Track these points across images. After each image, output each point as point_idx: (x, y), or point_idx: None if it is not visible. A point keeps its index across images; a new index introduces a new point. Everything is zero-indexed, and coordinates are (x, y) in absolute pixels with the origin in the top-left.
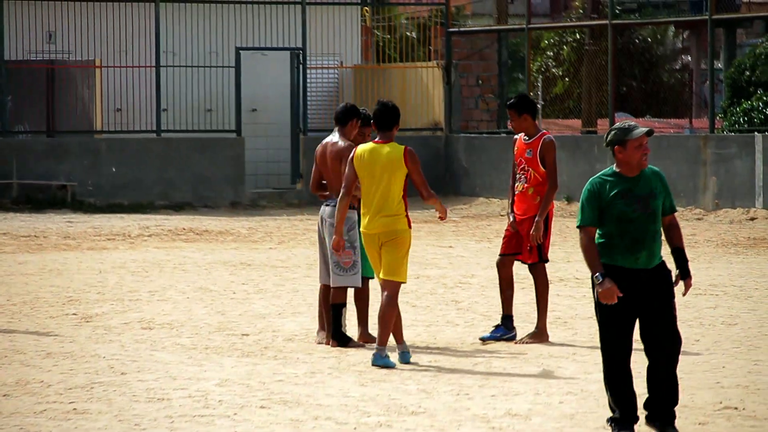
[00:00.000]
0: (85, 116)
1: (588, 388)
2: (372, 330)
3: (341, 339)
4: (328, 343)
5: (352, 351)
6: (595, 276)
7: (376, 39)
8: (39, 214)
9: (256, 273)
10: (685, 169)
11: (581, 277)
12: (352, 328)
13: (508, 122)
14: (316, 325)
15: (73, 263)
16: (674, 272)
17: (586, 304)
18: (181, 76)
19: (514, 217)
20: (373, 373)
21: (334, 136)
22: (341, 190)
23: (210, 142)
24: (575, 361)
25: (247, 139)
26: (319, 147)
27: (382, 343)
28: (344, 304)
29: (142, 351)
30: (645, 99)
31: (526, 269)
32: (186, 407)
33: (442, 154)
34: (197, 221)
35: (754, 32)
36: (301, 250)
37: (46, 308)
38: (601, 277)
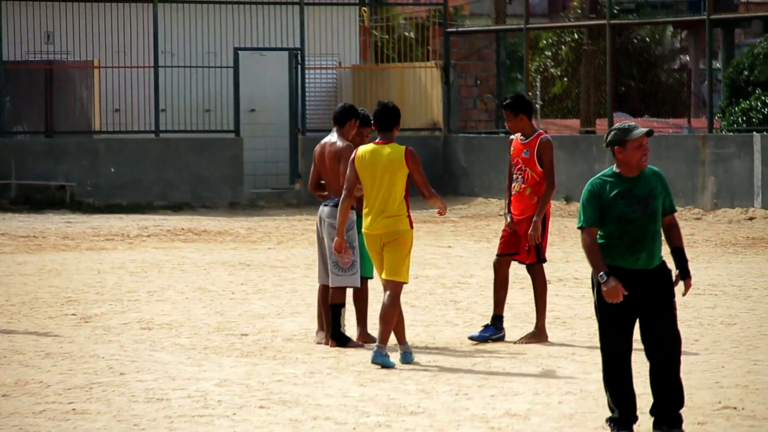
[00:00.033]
0: (84, 117)
1: (587, 388)
2: (371, 330)
3: (340, 339)
4: (327, 343)
5: (351, 351)
6: (600, 275)
7: (375, 39)
8: (38, 215)
9: (255, 273)
10: (683, 168)
11: (580, 277)
12: (351, 328)
13: (506, 122)
14: (315, 326)
15: (72, 263)
16: (674, 272)
17: (585, 304)
18: (180, 77)
19: (512, 217)
20: (372, 373)
21: (333, 137)
22: (343, 191)
23: (208, 142)
24: (574, 361)
25: (246, 139)
26: (318, 147)
27: (382, 341)
28: (343, 304)
29: (141, 351)
30: (643, 99)
31: (524, 269)
32: (185, 407)
33: (441, 154)
34: (196, 221)
35: (752, 32)
36: (299, 250)
37: (45, 308)
38: (606, 275)
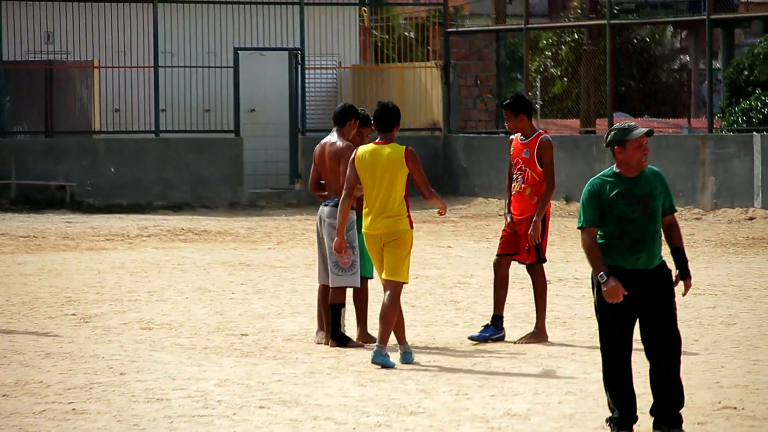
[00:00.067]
0: (84, 117)
1: (587, 388)
2: (371, 330)
3: (340, 339)
4: (327, 343)
5: (351, 351)
6: (600, 275)
7: (375, 39)
8: (37, 215)
9: (255, 273)
10: (683, 168)
11: (580, 277)
12: (351, 328)
13: (506, 122)
14: (315, 325)
15: (72, 263)
16: (674, 272)
17: (585, 304)
18: (180, 77)
19: (512, 217)
20: (372, 373)
21: (333, 136)
22: (343, 191)
23: (208, 142)
24: (574, 361)
25: (246, 139)
26: (318, 147)
27: (382, 341)
28: (343, 304)
29: (141, 351)
30: (643, 99)
31: (524, 269)
32: (185, 407)
33: (441, 155)
34: (196, 221)
35: (752, 32)
36: (299, 250)
37: (45, 308)
38: (606, 275)
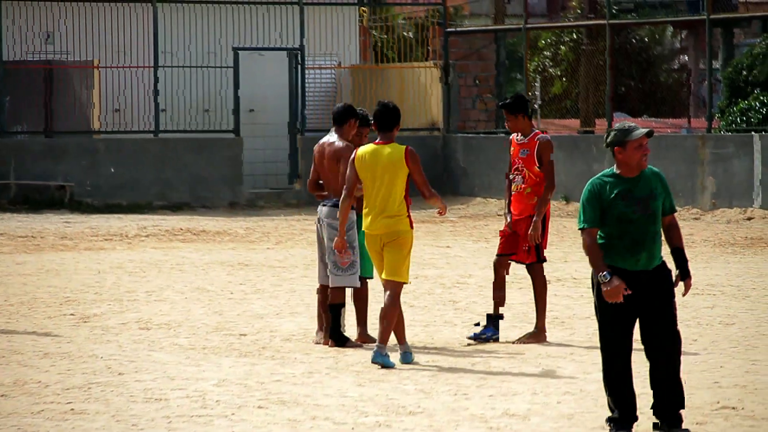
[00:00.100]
0: (83, 117)
1: (586, 388)
2: (371, 330)
3: (339, 339)
4: (326, 343)
5: (350, 351)
6: (602, 275)
7: (374, 39)
8: (36, 215)
9: (254, 273)
10: (682, 168)
11: (579, 277)
12: (351, 328)
13: (506, 122)
14: (314, 325)
15: (71, 264)
16: (674, 272)
17: (584, 304)
18: (179, 77)
19: (511, 217)
20: (371, 373)
21: (332, 136)
22: (343, 191)
23: (208, 142)
24: (573, 361)
25: (245, 139)
26: (317, 147)
27: (382, 341)
28: (343, 305)
29: (140, 351)
30: (643, 99)
31: (524, 269)
32: (184, 407)
33: (440, 154)
34: (195, 221)
35: (751, 32)
36: (298, 250)
37: (44, 308)
38: (609, 275)
